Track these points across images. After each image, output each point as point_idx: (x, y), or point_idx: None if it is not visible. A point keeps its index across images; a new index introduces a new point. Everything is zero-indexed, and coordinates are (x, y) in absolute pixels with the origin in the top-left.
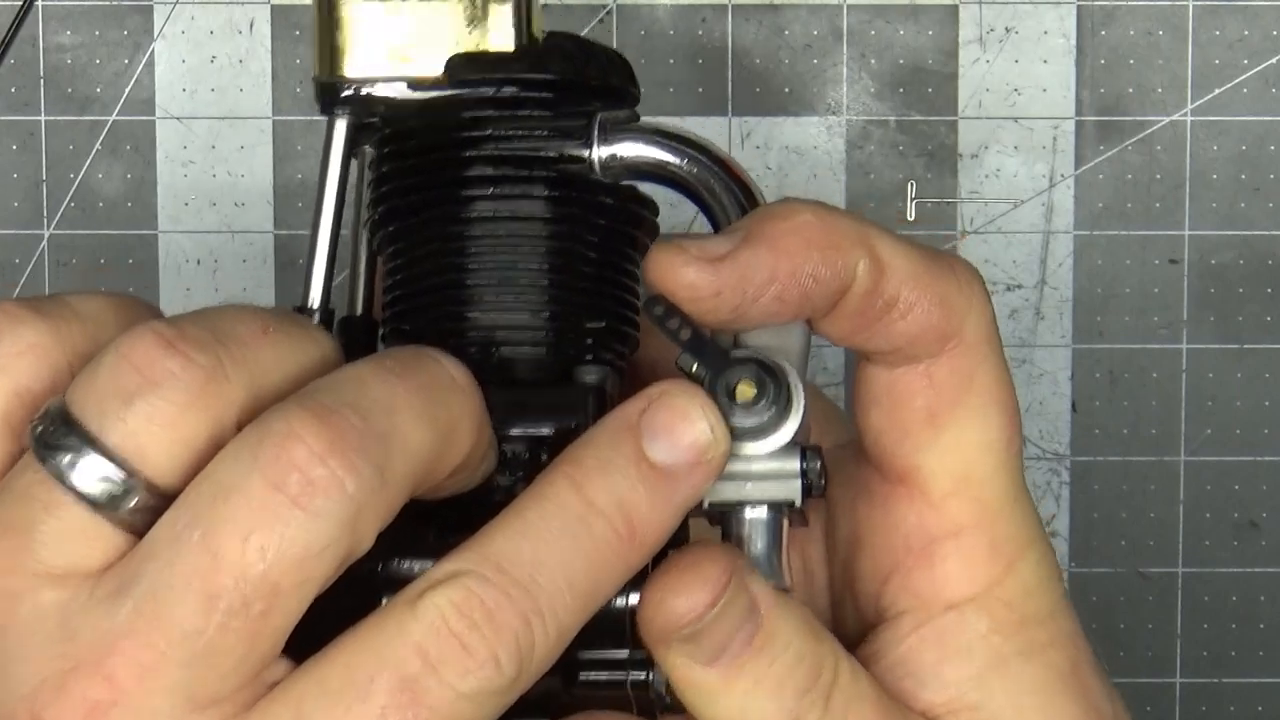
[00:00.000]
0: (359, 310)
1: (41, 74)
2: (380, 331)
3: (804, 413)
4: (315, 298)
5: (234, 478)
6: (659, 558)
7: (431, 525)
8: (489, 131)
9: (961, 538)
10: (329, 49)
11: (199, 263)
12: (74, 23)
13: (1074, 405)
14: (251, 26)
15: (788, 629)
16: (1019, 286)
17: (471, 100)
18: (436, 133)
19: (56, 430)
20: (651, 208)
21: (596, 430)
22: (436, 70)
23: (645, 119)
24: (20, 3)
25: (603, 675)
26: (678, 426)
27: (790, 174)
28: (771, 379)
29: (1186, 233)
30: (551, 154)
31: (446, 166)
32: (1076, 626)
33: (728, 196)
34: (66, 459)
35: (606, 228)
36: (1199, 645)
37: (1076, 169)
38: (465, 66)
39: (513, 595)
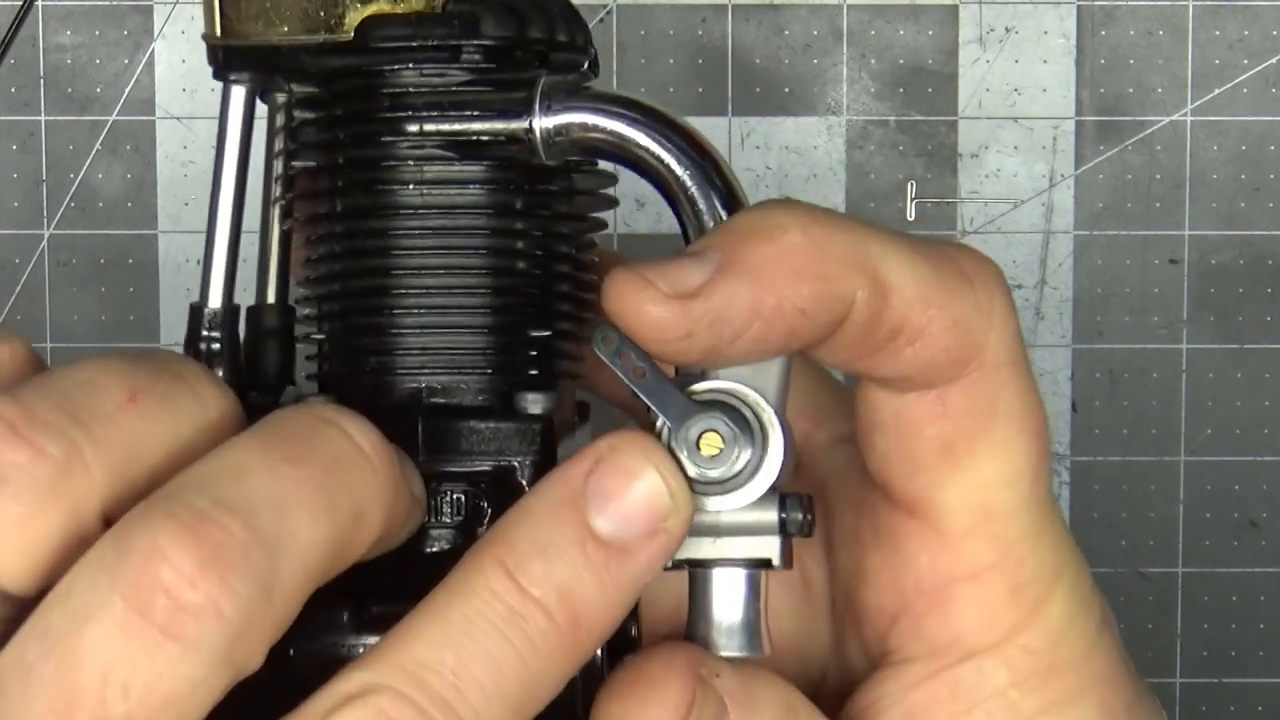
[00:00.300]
0: (270, 297)
1: (41, 74)
2: (295, 319)
3: (783, 459)
4: (216, 293)
5: (91, 600)
6: (621, 635)
7: (348, 596)
8: (409, 113)
9: (981, 580)
10: (222, 4)
11: (199, 263)
12: (74, 23)
13: (1074, 405)
14: None
15: None
16: (1019, 287)
17: (389, 71)
18: (349, 109)
19: None
20: (607, 180)
21: (534, 499)
22: (348, 32)
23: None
24: (20, 3)
25: None
26: (629, 491)
27: (790, 174)
28: (742, 427)
29: (1186, 233)
30: (485, 135)
31: (362, 148)
32: (1114, 662)
33: (696, 182)
34: None
35: (551, 216)
36: (1199, 645)
37: (1076, 169)
38: (381, 29)
39: (432, 715)
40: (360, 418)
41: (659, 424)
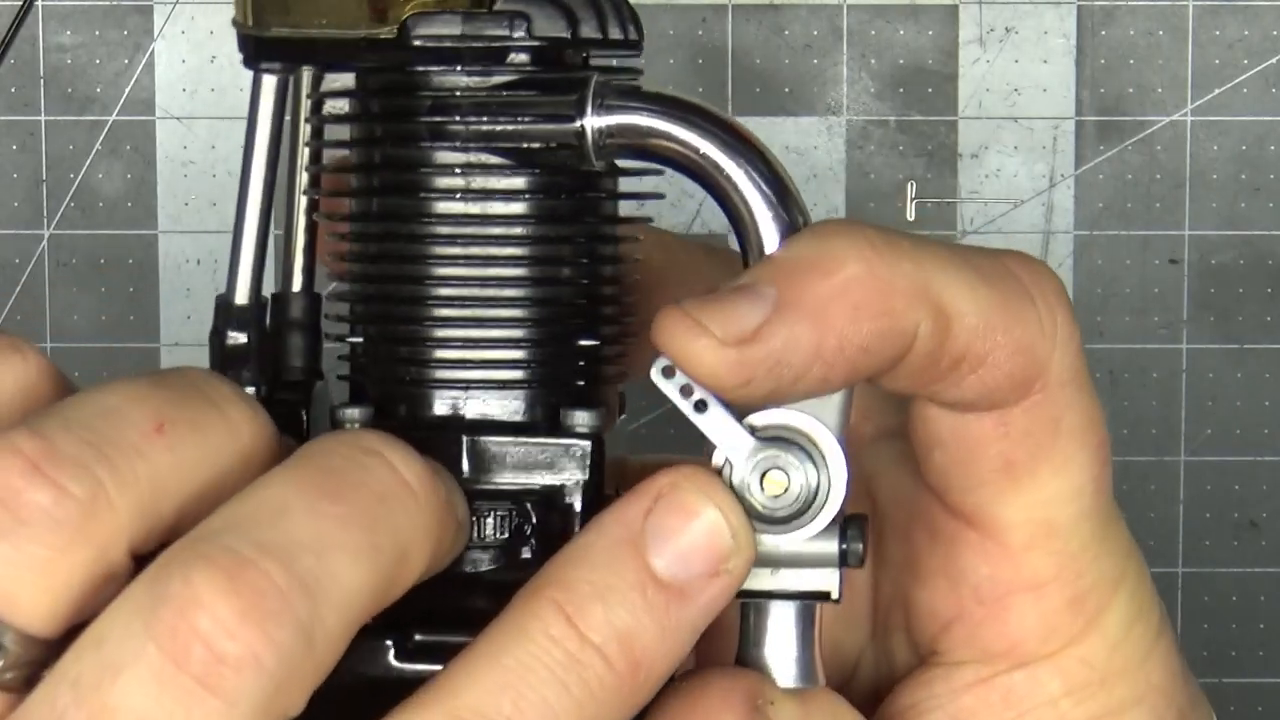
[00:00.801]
0: (294, 284)
1: (41, 74)
2: (323, 311)
3: (846, 491)
4: (243, 286)
5: (124, 650)
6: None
7: (391, 627)
8: (454, 118)
9: (1042, 594)
10: None
11: (199, 263)
12: (74, 23)
13: None
14: None
15: None
16: None
17: (433, 72)
18: (389, 107)
19: None
20: (652, 175)
21: (592, 536)
22: (390, 28)
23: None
24: (20, 3)
25: None
26: (691, 532)
27: (791, 174)
28: (805, 462)
29: (1186, 233)
30: (536, 141)
31: (402, 152)
32: (1170, 670)
33: (753, 192)
34: None
35: (599, 220)
36: (1199, 645)
37: (1076, 169)
38: (426, 26)
39: None
40: (404, 446)
41: (721, 459)
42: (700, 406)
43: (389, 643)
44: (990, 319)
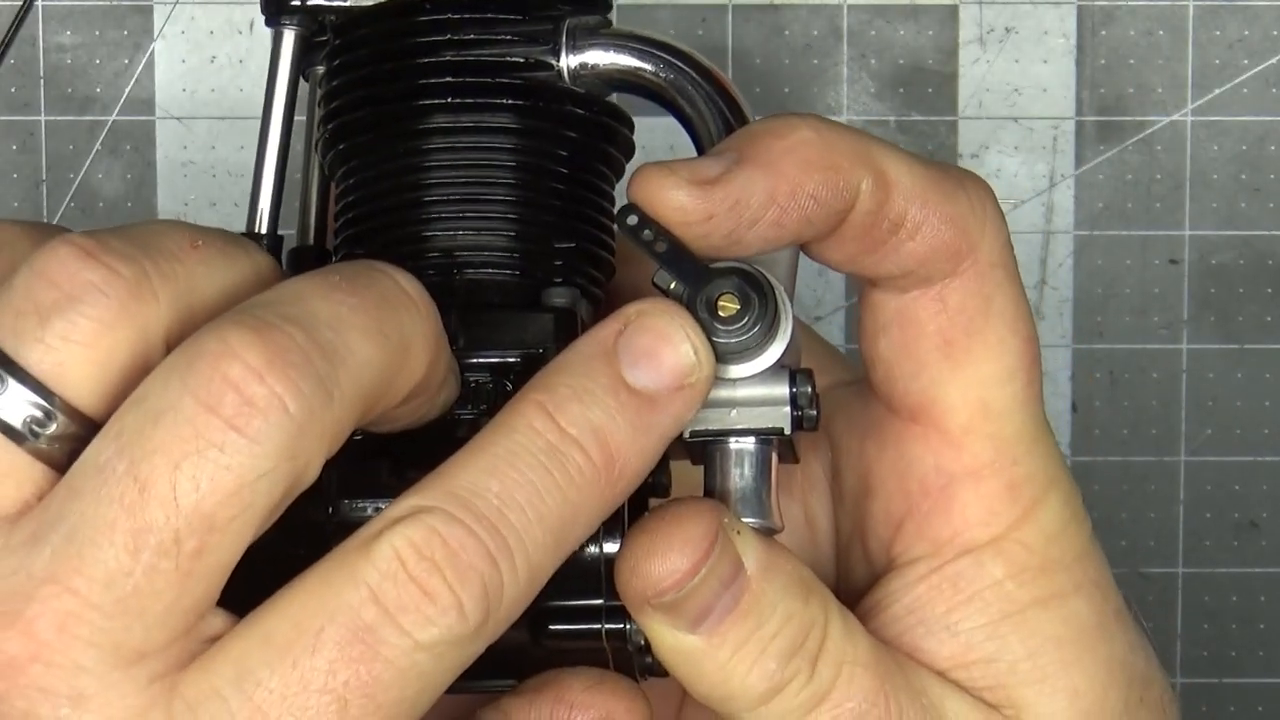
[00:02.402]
0: (310, 239)
1: (41, 74)
2: (333, 260)
3: (792, 331)
4: (262, 226)
5: (163, 400)
6: (637, 508)
7: (386, 462)
8: (447, 37)
9: (980, 478)
10: None
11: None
12: (74, 23)
13: (1074, 405)
14: (251, 26)
15: (775, 589)
16: None
17: (429, 4)
18: (390, 40)
19: None
20: (626, 120)
21: (569, 354)
22: None
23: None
24: (20, 3)
25: (575, 626)
26: (658, 349)
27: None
28: (756, 292)
29: (1186, 233)
30: (516, 59)
31: (401, 76)
32: (1105, 572)
33: (711, 110)
34: None
35: (577, 141)
36: (1199, 645)
37: (1076, 169)
38: None
39: (479, 533)
40: (405, 271)
41: (678, 289)
42: (660, 247)
43: (384, 468)
44: (925, 190)
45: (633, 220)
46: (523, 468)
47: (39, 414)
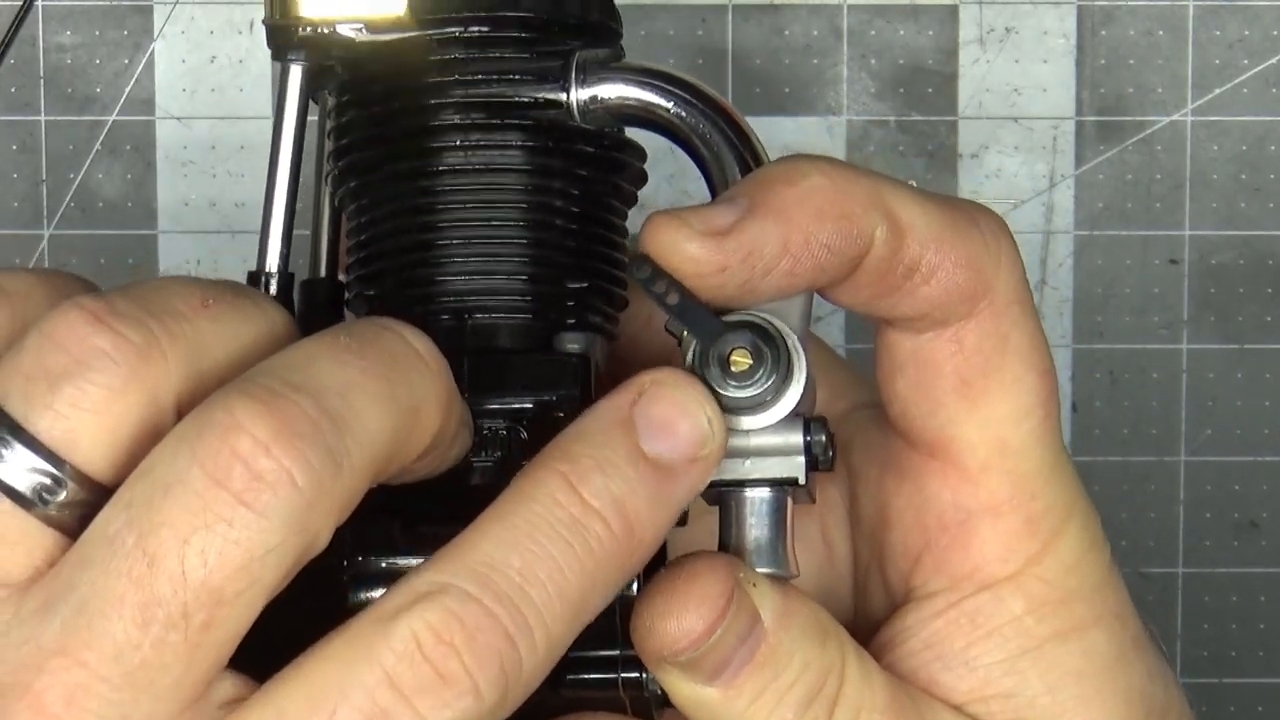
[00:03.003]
0: (322, 272)
1: (41, 74)
2: (345, 295)
3: (806, 381)
4: (273, 261)
5: (172, 473)
6: (653, 563)
7: (398, 516)
8: (456, 76)
9: (999, 514)
10: None
11: (199, 263)
12: (74, 23)
13: (1074, 405)
14: (251, 26)
15: (791, 637)
16: None
17: (437, 41)
18: (400, 78)
19: None
20: (637, 152)
21: (587, 422)
22: (398, 9)
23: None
24: (20, 3)
25: (592, 675)
26: (674, 420)
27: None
28: (769, 346)
29: (1186, 233)
30: (526, 99)
31: (411, 115)
32: (1124, 600)
33: (724, 145)
34: None
35: (588, 179)
36: (1199, 645)
37: (1076, 169)
38: (430, 4)
39: (498, 613)
40: (416, 329)
41: (691, 348)
42: (673, 300)
43: (397, 526)
44: (939, 234)
45: (644, 272)
46: (544, 541)
47: (49, 481)
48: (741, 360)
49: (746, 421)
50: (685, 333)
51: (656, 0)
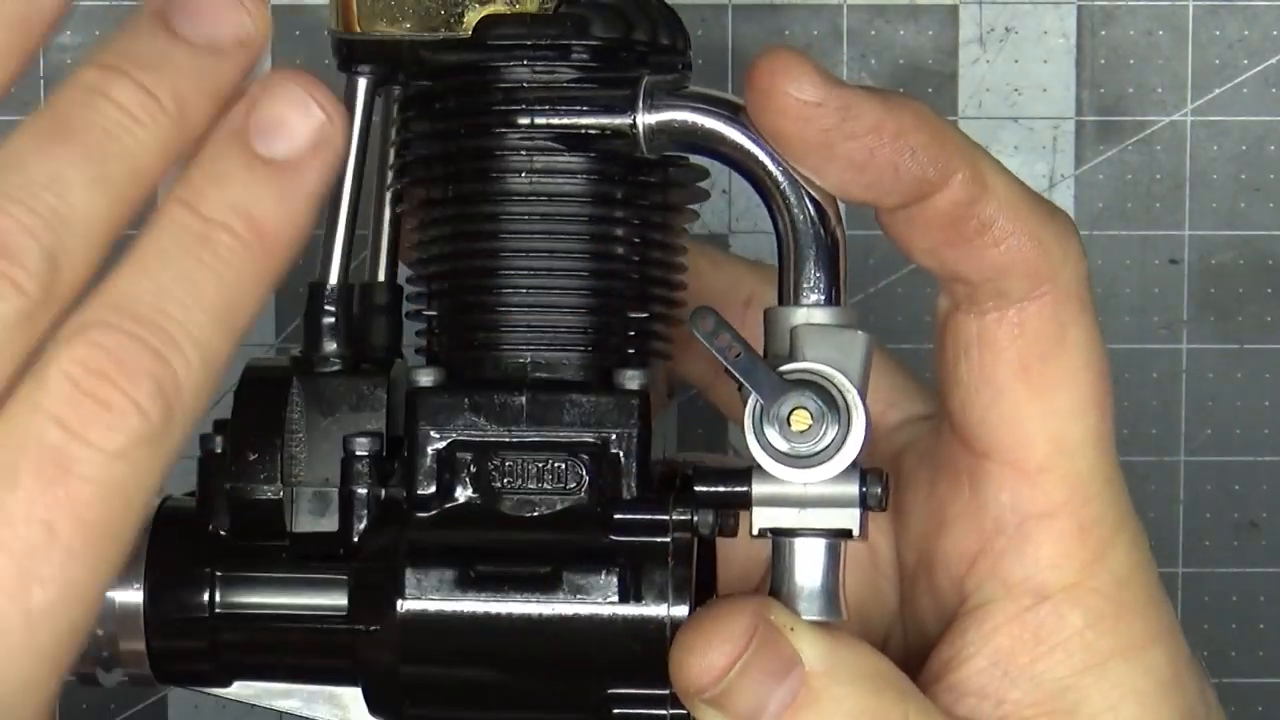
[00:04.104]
0: (381, 276)
1: (41, 74)
2: (404, 295)
3: (865, 435)
4: (334, 271)
5: None
6: (704, 589)
7: (457, 553)
8: (521, 106)
9: (1054, 518)
10: (350, 0)
11: None
12: (74, 23)
13: None
14: None
15: (838, 685)
16: None
17: (503, 67)
18: (464, 103)
19: None
20: (700, 174)
21: (204, 147)
22: (466, 29)
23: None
24: None
25: (640, 711)
26: (286, 117)
27: None
28: (829, 405)
29: (1186, 233)
30: (591, 129)
31: (475, 142)
32: (1174, 619)
33: (787, 177)
34: None
35: (651, 207)
36: (1199, 645)
37: (1076, 169)
38: (497, 27)
39: (141, 334)
40: (125, 75)
41: (751, 401)
42: (734, 352)
43: (454, 572)
44: (1016, 204)
45: (709, 325)
46: (173, 262)
47: None
48: (802, 419)
49: (804, 475)
50: (744, 389)
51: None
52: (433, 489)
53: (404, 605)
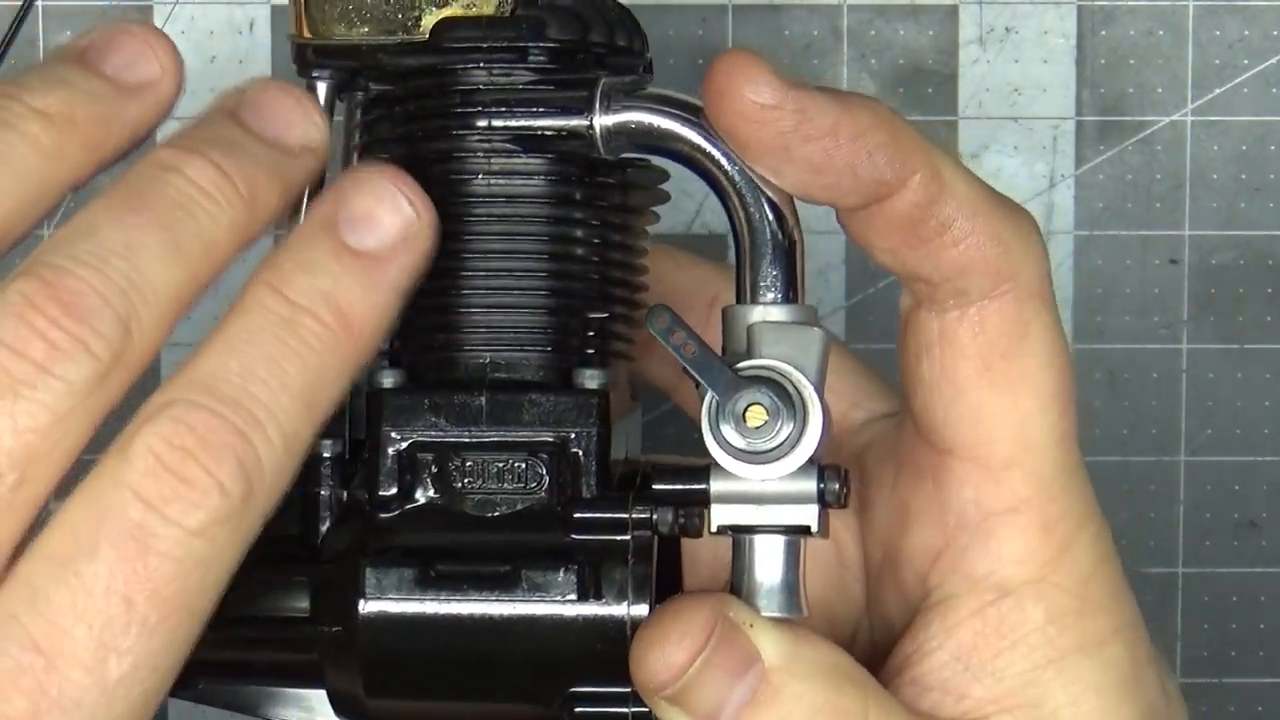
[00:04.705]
0: None
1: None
2: None
3: (822, 432)
4: None
5: None
6: (668, 587)
7: (416, 555)
8: (478, 108)
9: (1018, 514)
10: (308, 6)
11: None
12: (74, 23)
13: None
14: (251, 26)
15: (797, 681)
16: None
17: (460, 70)
18: (422, 106)
19: None
20: (659, 176)
21: (292, 233)
22: (422, 35)
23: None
24: (20, 3)
25: (603, 709)
26: (375, 210)
27: None
28: (785, 401)
29: (1186, 233)
30: (548, 131)
31: (433, 145)
32: (1137, 614)
33: (744, 177)
34: None
35: (609, 208)
36: (1199, 645)
37: (1076, 169)
38: (454, 30)
39: (224, 413)
40: (200, 155)
41: (708, 398)
42: (689, 350)
43: (413, 571)
44: (975, 204)
45: (664, 323)
46: (259, 344)
47: None
48: (758, 414)
49: (761, 472)
50: (700, 386)
51: (657, 0)
52: (394, 490)
53: (365, 605)
